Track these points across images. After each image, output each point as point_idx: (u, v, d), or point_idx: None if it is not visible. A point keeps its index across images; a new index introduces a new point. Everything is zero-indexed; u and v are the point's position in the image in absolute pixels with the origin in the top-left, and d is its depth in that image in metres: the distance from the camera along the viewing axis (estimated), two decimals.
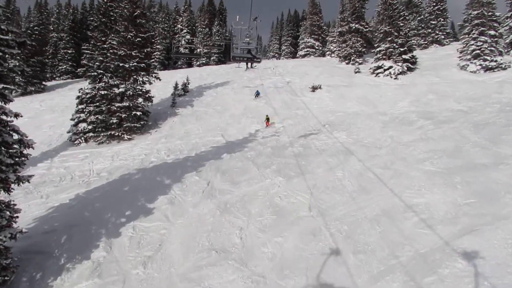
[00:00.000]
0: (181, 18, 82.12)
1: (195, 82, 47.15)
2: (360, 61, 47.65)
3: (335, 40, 59.81)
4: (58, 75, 67.75)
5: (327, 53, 62.50)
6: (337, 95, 32.78)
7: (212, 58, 76.22)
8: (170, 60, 78.04)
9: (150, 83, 33.17)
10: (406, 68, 36.64)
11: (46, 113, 38.24)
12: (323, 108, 30.06)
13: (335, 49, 59.36)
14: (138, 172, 19.74)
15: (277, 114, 30.03)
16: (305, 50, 67.90)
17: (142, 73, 32.06)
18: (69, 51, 68.62)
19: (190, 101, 37.27)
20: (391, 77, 36.04)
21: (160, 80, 33.89)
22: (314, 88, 34.75)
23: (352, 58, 48.27)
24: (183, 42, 77.34)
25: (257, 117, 30.08)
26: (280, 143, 22.73)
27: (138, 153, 24.90)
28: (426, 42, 53.61)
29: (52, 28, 72.41)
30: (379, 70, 37.60)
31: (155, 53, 73.50)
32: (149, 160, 22.74)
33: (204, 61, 74.18)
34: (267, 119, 28.50)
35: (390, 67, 36.69)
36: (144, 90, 31.69)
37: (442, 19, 54.95)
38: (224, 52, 79.73)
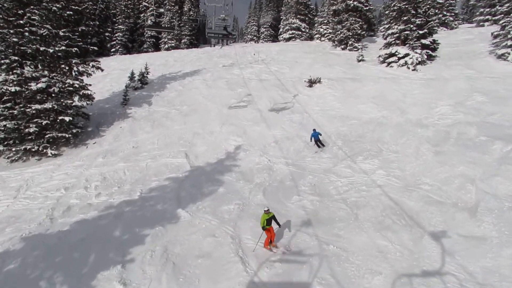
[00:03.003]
0: None
1: (158, 70, 38.03)
2: (359, 46, 39.39)
3: (326, 21, 51.20)
4: None
5: (316, 36, 53.86)
6: (343, 92, 24.46)
7: (183, 41, 66.42)
8: (135, 42, 67.84)
9: (89, 75, 23.83)
10: (426, 57, 28.56)
11: None
12: (328, 112, 21.73)
13: (325, 31, 50.82)
14: (22, 249, 10.87)
15: (264, 119, 21.54)
16: (290, 32, 58.98)
17: (74, 60, 22.64)
18: None
19: (147, 97, 28.20)
20: (409, 68, 27.94)
21: (102, 70, 24.50)
22: (311, 82, 26.32)
23: (350, 42, 39.92)
24: (149, 22, 67.11)
25: (236, 123, 21.54)
26: (276, 178, 14.39)
27: (57, 185, 16.25)
28: None
29: None
30: (391, 59, 29.41)
31: (116, 34, 63.78)
32: (66, 204, 14.08)
33: (173, 45, 64.36)
34: (266, 223, 9.51)
35: (407, 54, 28.57)
36: (78, 85, 22.34)
37: None
38: (197, 34, 70.20)
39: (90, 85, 24.18)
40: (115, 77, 38.05)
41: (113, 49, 63.83)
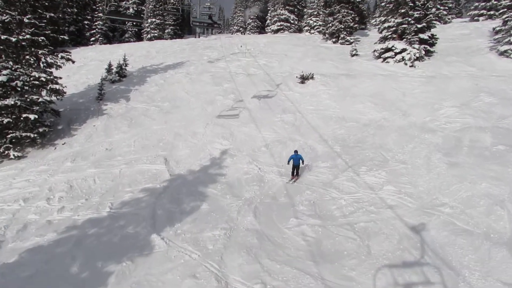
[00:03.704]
0: None
1: (139, 62, 35.50)
2: (351, 40, 37.58)
3: (316, 13, 49.23)
4: None
5: (305, 28, 51.85)
6: (338, 90, 22.60)
7: (166, 31, 63.48)
8: (116, 32, 64.61)
9: (59, 67, 21.38)
10: (424, 52, 26.90)
11: None
12: (323, 112, 19.87)
13: (315, 23, 48.91)
14: None
15: (253, 119, 19.57)
16: (278, 24, 56.71)
17: (42, 51, 20.16)
18: None
19: (125, 92, 25.85)
20: (406, 64, 26.25)
21: (73, 62, 22.09)
22: (303, 79, 24.36)
23: (341, 36, 38.04)
24: (108, 8, 63.99)
25: (222, 123, 19.53)
26: (268, 193, 12.47)
27: (15, 195, 14.13)
28: None
29: None
30: (387, 54, 27.65)
31: (96, 23, 60.42)
32: (22, 221, 11.99)
33: (156, 35, 61.42)
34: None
35: (404, 50, 26.84)
36: (45, 79, 19.89)
37: None
38: (181, 24, 67.33)
39: (60, 78, 21.73)
40: (92, 68, 35.40)
41: (92, 38, 60.53)
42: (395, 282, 7.63)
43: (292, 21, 56.60)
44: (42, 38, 19.98)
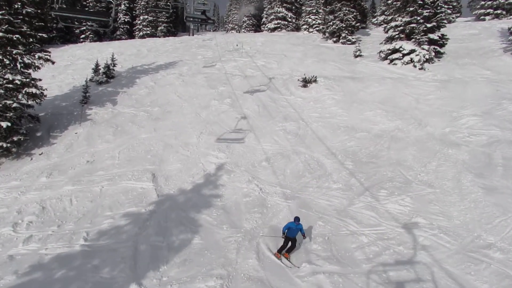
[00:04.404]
0: None
1: (129, 61, 33.35)
2: (353, 39, 35.72)
3: (315, 11, 47.30)
4: None
5: (304, 27, 49.88)
6: (344, 95, 20.71)
7: (159, 29, 61.23)
8: (107, 28, 62.17)
9: (37, 68, 19.30)
10: (433, 54, 25.10)
11: None
12: (329, 120, 17.97)
13: (314, 22, 46.99)
14: None
15: (251, 127, 17.64)
16: (275, 22, 54.70)
17: (17, 50, 18.05)
18: None
19: (112, 95, 23.77)
20: (415, 66, 24.43)
21: (53, 63, 19.99)
22: (306, 82, 22.42)
23: (343, 35, 36.17)
24: (122, 7, 61.65)
25: (217, 132, 17.58)
26: (272, 221, 10.56)
27: None
28: None
29: None
30: (395, 55, 25.79)
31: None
32: None
33: (148, 32, 59.21)
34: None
35: (412, 51, 25.01)
36: (20, 82, 17.79)
37: None
38: (174, 21, 65.14)
39: (39, 80, 19.66)
40: (79, 68, 33.21)
41: (82, 36, 58.14)
42: None
43: (289, 19, 54.62)
44: (17, 36, 17.92)
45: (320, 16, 44.75)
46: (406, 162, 13.25)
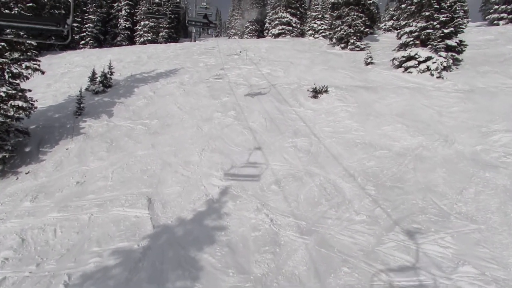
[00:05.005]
0: None
1: (128, 69, 31.94)
2: (362, 45, 34.18)
3: (320, 16, 45.84)
4: None
5: (309, 32, 48.42)
6: (358, 106, 19.06)
7: (160, 34, 59.93)
8: (108, 35, 60.99)
9: (26, 78, 17.82)
10: (451, 61, 23.47)
11: None
12: (344, 136, 16.32)
13: (320, 27, 45.51)
14: None
15: (258, 144, 16.02)
16: (279, 28, 53.29)
17: (2, 60, 16.56)
18: None
19: (108, 106, 22.25)
20: (432, 75, 22.81)
21: (42, 73, 18.45)
22: (316, 92, 20.79)
23: (351, 41, 34.62)
24: (123, 12, 60.33)
25: (221, 149, 15.99)
26: (288, 268, 8.89)
27: None
28: None
29: None
30: (410, 63, 24.16)
31: (86, 25, 56.75)
32: None
33: (149, 38, 57.89)
34: None
35: (429, 58, 23.40)
36: (4, 94, 16.26)
37: None
38: (176, 26, 63.88)
39: (29, 90, 18.21)
40: (76, 75, 31.84)
41: (82, 42, 56.88)
42: None
43: (294, 25, 53.25)
44: (3, 44, 16.46)
45: (326, 21, 43.24)
46: (437, 188, 11.57)
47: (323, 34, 44.97)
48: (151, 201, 12.62)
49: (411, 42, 24.67)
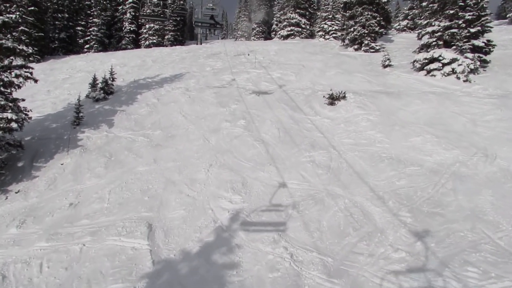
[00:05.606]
0: None
1: (131, 74, 30.48)
2: (377, 47, 32.39)
3: (331, 16, 44.10)
4: None
5: (319, 33, 46.69)
6: (381, 115, 17.30)
7: (166, 37, 58.55)
8: (112, 38, 59.73)
9: (17, 87, 16.34)
10: (478, 63, 21.61)
11: None
12: (367, 149, 14.59)
13: (331, 28, 43.76)
14: None
15: (272, 158, 14.34)
16: (288, 29, 51.61)
17: None
18: None
19: (109, 115, 20.74)
20: (458, 78, 20.98)
21: (35, 81, 16.97)
22: (333, 99, 19.06)
23: (365, 42, 32.85)
24: (128, 15, 59.05)
25: (230, 164, 14.36)
26: None
27: None
28: None
29: None
30: (433, 65, 22.34)
31: (91, 29, 55.48)
32: None
33: (154, 41, 56.52)
34: None
35: (454, 60, 21.57)
36: None
37: None
38: (182, 29, 62.47)
39: (22, 100, 16.82)
40: (78, 81, 30.41)
41: (87, 46, 55.63)
42: None
43: (303, 26, 51.59)
44: None
45: (338, 21, 41.51)
46: (487, 216, 9.81)
47: (334, 35, 43.27)
48: (152, 229, 11.02)
49: (434, 43, 22.83)
